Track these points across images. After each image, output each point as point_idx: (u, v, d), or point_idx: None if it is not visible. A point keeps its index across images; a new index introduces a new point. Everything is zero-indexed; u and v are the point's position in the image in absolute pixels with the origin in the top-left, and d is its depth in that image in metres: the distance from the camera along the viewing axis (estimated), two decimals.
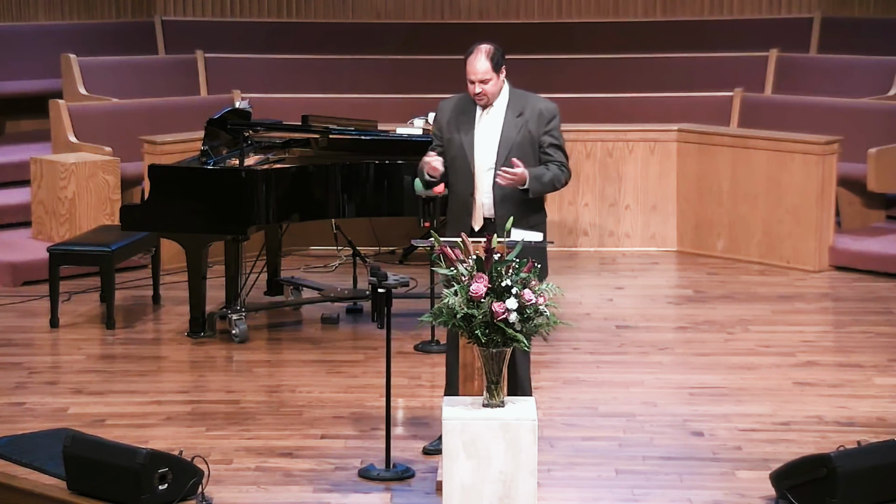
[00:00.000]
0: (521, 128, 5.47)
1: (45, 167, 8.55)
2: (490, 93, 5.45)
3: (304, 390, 6.43)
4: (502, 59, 5.47)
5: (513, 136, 5.46)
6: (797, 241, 8.58)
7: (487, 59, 5.41)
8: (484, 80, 5.42)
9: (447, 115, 5.58)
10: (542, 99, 5.56)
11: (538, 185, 5.45)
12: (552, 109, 5.51)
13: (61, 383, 6.56)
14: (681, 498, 5.22)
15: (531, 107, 5.48)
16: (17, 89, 10.29)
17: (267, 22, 11.12)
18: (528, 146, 5.47)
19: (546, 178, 5.46)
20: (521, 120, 5.47)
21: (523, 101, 5.50)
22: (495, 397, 4.92)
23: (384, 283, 5.36)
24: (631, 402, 6.26)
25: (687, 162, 9.01)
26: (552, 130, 5.49)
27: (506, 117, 5.48)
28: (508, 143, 5.46)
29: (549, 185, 5.49)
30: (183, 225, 7.13)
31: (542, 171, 5.46)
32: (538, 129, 5.48)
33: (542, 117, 5.48)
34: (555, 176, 5.48)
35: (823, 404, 6.21)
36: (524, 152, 5.46)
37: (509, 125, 5.47)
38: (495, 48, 5.46)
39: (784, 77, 10.19)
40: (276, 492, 5.28)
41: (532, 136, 5.48)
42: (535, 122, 5.47)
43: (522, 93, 5.54)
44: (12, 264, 8.20)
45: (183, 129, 8.84)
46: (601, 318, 7.59)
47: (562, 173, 5.51)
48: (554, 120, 5.50)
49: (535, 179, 5.44)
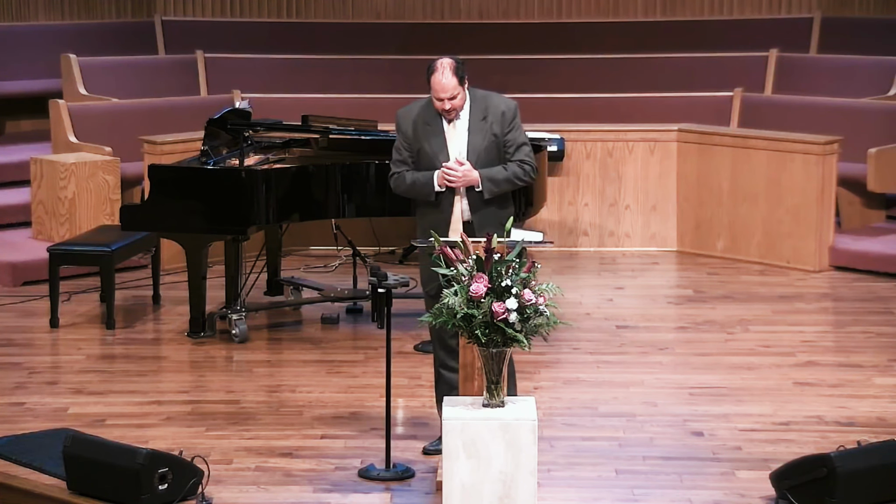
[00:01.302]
0: (487, 132, 5.49)
1: (45, 167, 8.55)
2: (458, 106, 5.48)
3: (304, 390, 6.43)
4: (464, 69, 5.49)
5: (479, 141, 5.49)
6: (797, 241, 8.58)
7: (453, 75, 5.41)
8: (453, 96, 5.44)
9: (411, 126, 5.55)
10: (501, 97, 5.56)
11: (492, 185, 5.46)
12: (512, 107, 5.53)
13: (61, 383, 6.56)
14: (681, 498, 5.22)
15: (493, 108, 5.50)
16: (18, 89, 10.29)
17: (267, 22, 11.12)
18: (494, 149, 5.51)
19: (501, 177, 5.47)
20: (486, 124, 5.49)
21: (485, 104, 5.51)
22: (495, 397, 4.92)
23: (384, 283, 5.36)
24: (631, 402, 6.26)
25: (687, 162, 9.01)
26: (516, 127, 5.52)
27: (471, 123, 5.50)
28: (476, 150, 5.48)
29: (505, 184, 5.49)
30: (183, 225, 7.13)
31: (496, 171, 5.47)
32: (502, 129, 5.50)
33: (504, 117, 5.49)
34: (512, 174, 5.48)
35: (823, 404, 6.21)
36: (491, 156, 5.49)
37: (475, 131, 5.49)
38: (457, 61, 5.46)
39: (784, 77, 10.19)
40: (276, 492, 5.28)
41: (497, 138, 5.51)
42: (498, 123, 5.50)
43: (482, 94, 5.55)
44: (12, 264, 8.20)
45: (183, 129, 8.83)
46: (601, 318, 7.59)
47: (522, 170, 5.50)
48: (516, 118, 5.53)
49: (489, 180, 5.45)
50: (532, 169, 5.55)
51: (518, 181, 5.52)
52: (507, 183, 5.50)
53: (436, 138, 5.50)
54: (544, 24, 11.05)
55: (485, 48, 10.61)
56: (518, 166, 5.51)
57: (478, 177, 5.45)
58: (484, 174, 5.46)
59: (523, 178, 5.52)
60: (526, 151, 5.54)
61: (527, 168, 5.53)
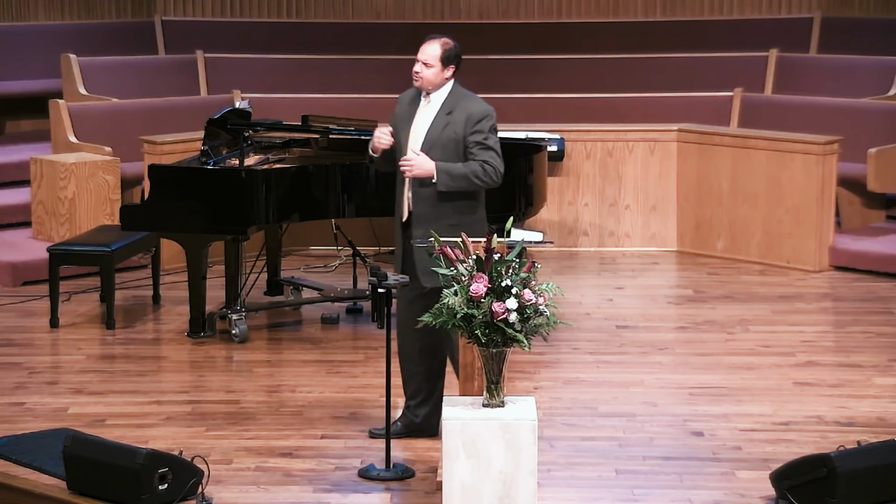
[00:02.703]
0: (447, 127, 5.49)
1: (45, 167, 8.55)
2: (425, 78, 5.49)
3: (304, 390, 6.43)
4: (457, 59, 5.52)
5: (437, 133, 5.50)
6: (797, 241, 8.58)
7: (440, 47, 5.49)
8: (427, 62, 5.49)
9: (400, 107, 5.65)
10: (478, 101, 5.55)
11: (447, 178, 5.45)
12: (483, 111, 5.51)
13: (61, 383, 6.56)
14: (681, 498, 5.22)
15: (462, 107, 5.50)
16: (18, 89, 10.29)
17: (267, 22, 11.12)
18: (451, 145, 5.49)
19: (458, 172, 5.46)
20: (449, 119, 5.50)
21: (457, 102, 5.52)
22: (495, 397, 4.92)
23: (384, 283, 5.36)
24: (631, 402, 6.26)
25: (687, 162, 9.01)
26: (480, 131, 5.48)
27: (437, 115, 5.52)
28: (432, 140, 5.50)
29: (461, 179, 5.46)
30: (183, 225, 7.13)
31: (455, 165, 5.47)
32: (465, 129, 5.48)
33: (470, 119, 5.48)
34: (471, 171, 5.46)
35: (823, 404, 6.21)
36: (447, 151, 5.48)
37: (437, 123, 5.51)
38: (455, 46, 5.53)
39: (784, 77, 10.19)
40: (276, 492, 5.28)
41: (457, 136, 5.49)
42: (462, 122, 5.48)
43: (463, 94, 5.56)
44: (12, 264, 8.20)
45: (183, 129, 8.83)
46: (601, 318, 7.59)
47: (482, 169, 5.47)
48: (483, 121, 5.49)
49: (445, 172, 5.45)
50: (495, 171, 5.48)
51: (477, 180, 5.46)
52: (463, 179, 5.46)
53: (406, 120, 5.58)
54: (544, 24, 11.05)
55: (485, 48, 10.61)
56: (479, 165, 5.47)
57: (433, 167, 5.45)
58: (441, 166, 5.46)
59: (483, 177, 5.47)
60: (491, 155, 5.49)
61: (488, 168, 5.47)
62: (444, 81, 5.53)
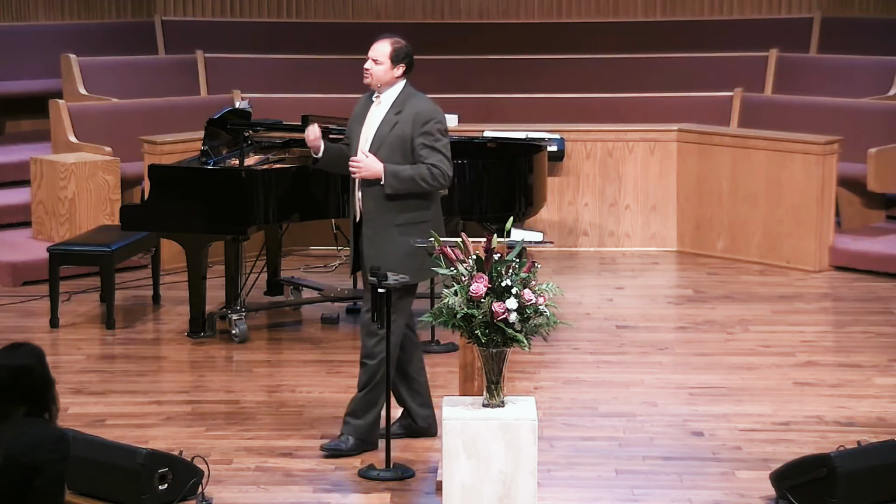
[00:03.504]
0: (395, 126, 5.49)
1: (45, 167, 8.55)
2: (375, 75, 5.52)
3: (303, 390, 6.43)
4: (406, 58, 5.52)
5: (385, 133, 5.50)
6: (797, 241, 8.58)
7: (390, 45, 5.52)
8: (376, 59, 5.52)
9: (356, 108, 5.67)
10: (425, 102, 5.54)
11: (394, 180, 5.44)
12: (430, 112, 5.49)
13: (61, 383, 6.51)
14: (681, 498, 5.22)
15: (410, 107, 5.49)
16: (17, 89, 10.29)
17: (267, 22, 11.12)
18: (398, 145, 5.48)
19: (405, 175, 5.44)
20: (398, 118, 5.49)
21: (406, 101, 5.51)
22: (495, 397, 4.92)
23: (384, 283, 5.36)
24: (631, 402, 6.26)
25: (687, 162, 9.01)
26: (428, 132, 5.46)
27: (386, 114, 5.52)
28: (380, 140, 5.50)
29: (408, 182, 5.45)
30: (183, 225, 7.13)
31: (403, 168, 5.45)
32: (412, 130, 5.47)
33: (417, 119, 5.47)
34: (418, 174, 5.44)
35: (823, 404, 6.21)
36: (393, 151, 5.48)
37: (386, 123, 5.51)
38: (405, 46, 5.55)
39: (784, 77, 10.19)
40: (276, 492, 5.28)
41: (404, 137, 5.48)
42: (409, 123, 5.48)
43: (413, 94, 5.55)
44: (12, 264, 8.20)
45: (183, 129, 8.83)
46: (601, 318, 7.59)
47: (430, 172, 5.44)
48: (430, 123, 5.47)
49: (392, 175, 5.44)
50: (442, 175, 5.46)
51: (423, 183, 5.44)
52: (410, 182, 5.45)
53: (358, 119, 5.60)
54: (544, 24, 11.05)
55: (485, 48, 10.61)
56: (427, 168, 5.45)
57: (381, 169, 5.45)
58: (389, 169, 5.45)
59: (430, 180, 5.45)
60: (439, 158, 5.46)
61: (435, 172, 5.44)
62: (395, 80, 5.53)
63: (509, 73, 10.31)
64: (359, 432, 5.57)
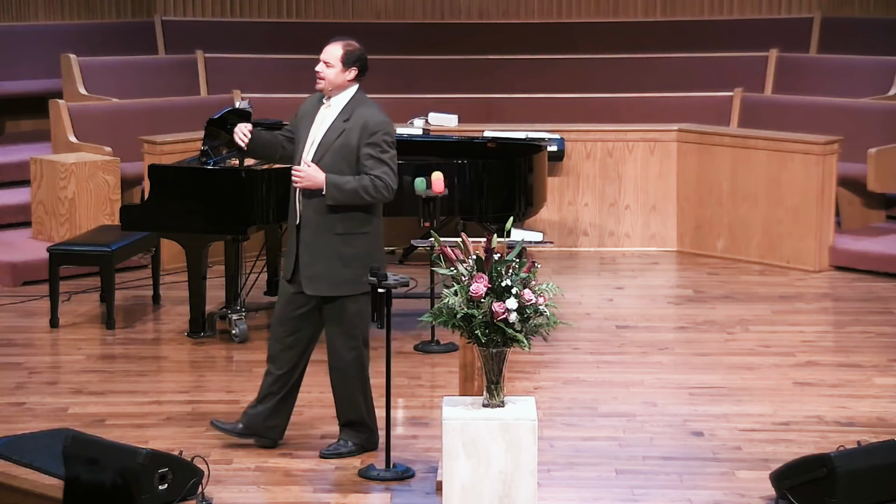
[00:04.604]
0: (341, 134, 5.42)
1: (45, 167, 8.55)
2: (326, 78, 5.44)
3: (303, 390, 6.41)
4: (358, 62, 5.44)
5: (331, 140, 5.43)
6: (797, 241, 8.58)
7: (341, 48, 5.45)
8: (328, 62, 5.44)
9: (303, 108, 5.59)
10: (375, 111, 5.46)
11: (336, 192, 5.37)
12: (379, 123, 5.42)
13: (61, 383, 6.56)
14: (680, 498, 5.22)
15: (358, 116, 5.42)
16: (18, 89, 10.29)
17: (267, 22, 11.12)
18: (343, 154, 5.41)
19: (348, 187, 5.37)
20: (346, 126, 5.43)
21: (356, 109, 5.44)
22: (495, 397, 4.92)
23: (384, 283, 5.36)
24: (631, 402, 6.26)
25: (687, 162, 9.01)
26: (375, 143, 5.39)
27: (335, 120, 5.46)
28: (325, 147, 5.44)
29: (351, 194, 5.38)
30: (183, 225, 7.13)
31: (345, 180, 5.38)
32: (359, 139, 5.40)
33: (365, 129, 5.40)
34: (361, 186, 5.37)
35: (823, 404, 6.21)
36: (338, 159, 5.41)
37: (334, 128, 5.45)
38: (359, 49, 5.47)
39: (784, 77, 10.19)
40: (276, 492, 5.28)
41: (350, 145, 5.41)
42: (356, 131, 5.41)
43: (364, 102, 5.48)
44: (12, 264, 8.20)
45: (183, 129, 8.83)
46: (601, 318, 7.59)
47: (372, 184, 5.37)
48: (377, 134, 5.40)
49: (334, 186, 5.37)
50: (386, 187, 5.39)
51: (366, 195, 5.38)
52: (353, 194, 5.38)
53: (306, 122, 5.53)
54: (544, 24, 11.05)
55: (485, 48, 10.61)
56: (370, 180, 5.38)
57: (323, 180, 5.39)
58: (331, 180, 5.38)
59: (373, 192, 5.38)
60: (384, 170, 5.40)
61: (378, 184, 5.38)
62: (346, 84, 5.46)
63: (509, 73, 10.31)
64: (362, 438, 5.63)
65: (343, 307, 5.46)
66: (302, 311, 5.52)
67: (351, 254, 5.41)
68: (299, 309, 5.52)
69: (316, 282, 5.43)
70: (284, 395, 5.62)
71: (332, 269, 5.41)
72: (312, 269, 5.43)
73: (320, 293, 5.45)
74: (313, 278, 5.43)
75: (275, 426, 5.63)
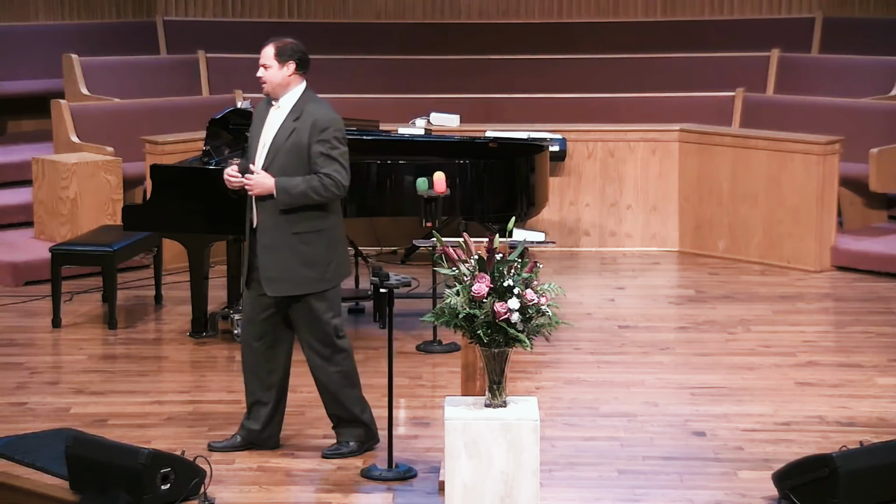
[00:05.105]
0: (292, 133, 5.40)
1: (47, 167, 8.55)
2: (268, 79, 5.42)
3: (305, 390, 6.43)
4: (293, 54, 5.41)
5: (282, 141, 5.42)
6: (798, 241, 8.58)
7: (273, 47, 5.41)
8: (264, 64, 5.42)
9: (255, 115, 5.58)
10: (324, 108, 5.44)
11: (286, 196, 5.36)
12: (327, 120, 5.39)
13: (63, 383, 6.57)
14: (682, 498, 5.22)
15: (308, 114, 5.39)
16: (19, 89, 10.29)
17: (267, 22, 11.12)
18: (295, 153, 5.39)
19: (297, 190, 5.35)
20: (295, 125, 5.40)
21: (305, 107, 5.42)
22: (497, 397, 4.92)
23: (386, 283, 5.36)
24: (632, 402, 6.27)
25: (688, 162, 9.02)
26: (325, 140, 5.37)
27: (284, 120, 5.43)
28: (277, 147, 5.42)
29: (300, 197, 5.36)
30: (185, 225, 7.13)
31: (294, 183, 5.35)
32: (309, 137, 5.38)
33: (314, 127, 5.38)
34: (310, 187, 5.35)
35: (824, 404, 6.22)
36: (291, 159, 5.39)
37: (284, 129, 5.43)
38: (293, 44, 5.44)
39: (786, 77, 10.19)
40: (278, 492, 5.29)
41: (301, 144, 5.39)
42: (306, 130, 5.38)
43: (312, 99, 5.46)
44: (14, 264, 8.20)
45: (185, 129, 8.84)
46: (602, 318, 7.59)
47: (321, 184, 5.35)
48: (327, 130, 5.38)
49: (284, 191, 5.35)
50: (336, 185, 5.37)
51: (316, 195, 5.36)
52: (302, 196, 5.36)
53: (257, 125, 5.52)
54: (544, 24, 11.05)
55: (485, 48, 10.61)
56: (318, 179, 5.36)
57: (272, 185, 5.37)
58: (280, 184, 5.36)
59: (322, 192, 5.36)
60: (334, 168, 5.37)
61: (327, 182, 5.35)
62: (289, 81, 5.42)
63: (511, 72, 10.31)
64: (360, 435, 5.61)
65: (309, 306, 5.45)
66: (267, 313, 5.50)
67: (310, 252, 5.39)
68: (264, 312, 5.51)
69: (277, 283, 5.42)
70: (275, 404, 5.62)
71: (291, 268, 5.39)
72: (272, 271, 5.42)
73: (282, 293, 5.44)
74: (274, 280, 5.42)
75: (270, 436, 5.64)
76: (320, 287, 5.44)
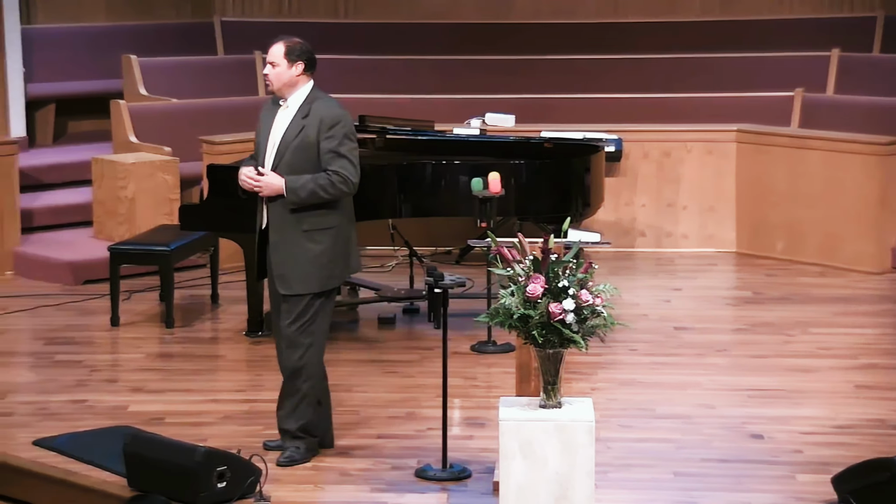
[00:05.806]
0: (301, 131, 5.39)
1: (106, 167, 8.64)
2: (275, 77, 5.41)
3: (359, 390, 6.45)
4: (302, 55, 5.40)
5: (291, 138, 5.41)
6: (858, 242, 8.48)
7: (283, 46, 5.41)
8: (273, 62, 5.41)
9: (262, 114, 5.58)
10: (332, 105, 5.42)
11: (295, 196, 5.35)
12: (335, 116, 5.38)
13: (121, 381, 6.63)
14: (739, 501, 5.17)
15: (316, 111, 5.38)
16: (79, 90, 10.40)
17: (322, 23, 11.16)
18: (304, 151, 5.38)
19: (306, 188, 5.34)
20: (304, 122, 5.39)
21: (313, 105, 5.41)
22: (552, 398, 4.90)
23: (441, 283, 5.36)
24: (687, 403, 6.22)
25: (745, 163, 8.94)
26: (333, 137, 5.36)
27: (293, 119, 5.42)
28: (287, 145, 5.41)
29: (309, 195, 5.34)
30: (241, 225, 7.15)
31: (303, 182, 5.34)
32: (317, 134, 5.37)
33: (322, 123, 5.36)
34: (318, 185, 5.34)
35: (884, 407, 6.14)
36: (301, 156, 5.38)
37: (292, 127, 5.42)
38: (301, 44, 5.44)
39: (846, 77, 10.07)
40: (333, 491, 5.30)
41: (310, 142, 5.37)
42: (315, 126, 5.37)
43: (321, 96, 5.45)
44: (73, 263, 8.29)
45: (241, 129, 8.88)
46: (658, 320, 7.55)
47: (329, 181, 5.34)
48: (335, 127, 5.36)
49: (292, 191, 5.34)
50: (344, 181, 5.35)
51: (325, 193, 5.34)
52: (311, 195, 5.34)
53: (266, 124, 5.51)
54: (599, 24, 10.99)
55: (540, 48, 10.58)
56: (326, 177, 5.35)
57: (281, 186, 5.37)
58: (290, 184, 5.36)
59: (331, 189, 5.34)
60: (342, 164, 5.36)
61: (335, 179, 5.34)
62: (297, 80, 5.42)
63: (566, 72, 10.27)
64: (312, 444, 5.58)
65: (302, 303, 5.43)
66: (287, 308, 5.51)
67: (318, 250, 5.39)
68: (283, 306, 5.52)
69: (286, 280, 5.44)
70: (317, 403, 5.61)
71: (299, 266, 5.40)
72: (282, 268, 5.43)
73: (293, 292, 5.44)
74: (284, 276, 5.44)
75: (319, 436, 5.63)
76: (323, 286, 5.44)
